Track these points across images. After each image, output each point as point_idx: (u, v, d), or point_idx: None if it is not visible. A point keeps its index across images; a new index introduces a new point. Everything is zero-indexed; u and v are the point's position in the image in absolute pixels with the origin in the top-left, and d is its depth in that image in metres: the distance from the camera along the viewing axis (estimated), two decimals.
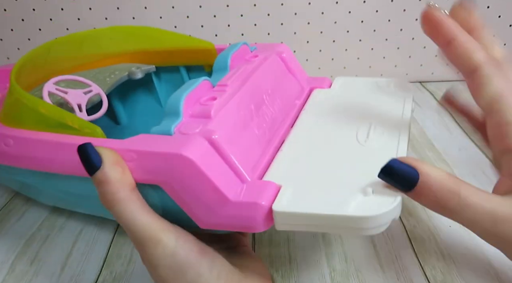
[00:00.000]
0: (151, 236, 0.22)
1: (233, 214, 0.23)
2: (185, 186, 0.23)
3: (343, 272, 0.31)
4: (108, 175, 0.23)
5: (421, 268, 0.31)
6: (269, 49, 0.35)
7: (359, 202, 0.21)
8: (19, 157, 0.28)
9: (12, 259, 0.33)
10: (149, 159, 0.23)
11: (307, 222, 0.22)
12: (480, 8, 0.58)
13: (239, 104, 0.28)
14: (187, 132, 0.24)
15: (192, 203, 0.23)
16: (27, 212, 0.38)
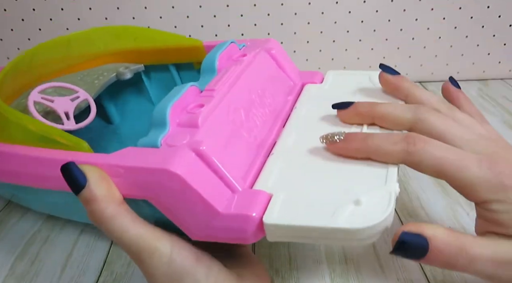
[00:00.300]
0: (145, 246, 0.22)
1: (223, 226, 0.22)
2: (174, 200, 0.23)
3: (343, 273, 0.31)
4: (94, 193, 0.22)
5: (421, 268, 0.31)
6: (258, 45, 0.35)
7: (350, 213, 0.21)
8: (4, 172, 0.28)
9: (12, 260, 0.33)
10: (136, 174, 0.23)
11: (298, 234, 0.21)
12: (480, 8, 0.59)
13: (228, 109, 0.27)
14: (174, 144, 0.24)
15: (181, 216, 0.23)
16: (28, 212, 0.38)
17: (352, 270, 0.31)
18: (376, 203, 0.21)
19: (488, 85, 0.62)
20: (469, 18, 0.60)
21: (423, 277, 0.30)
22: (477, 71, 0.64)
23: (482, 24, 0.61)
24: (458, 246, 0.22)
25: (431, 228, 0.22)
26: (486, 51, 0.63)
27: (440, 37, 0.61)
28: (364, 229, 0.20)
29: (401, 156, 0.23)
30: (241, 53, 0.33)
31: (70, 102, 0.33)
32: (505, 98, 0.58)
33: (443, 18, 0.60)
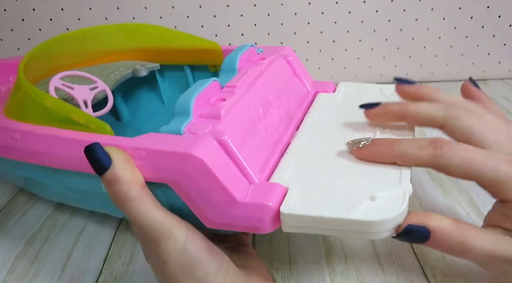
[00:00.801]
0: (162, 231, 0.23)
1: (240, 215, 0.23)
2: (194, 185, 0.23)
3: (343, 273, 0.31)
4: (118, 175, 0.23)
5: (421, 268, 0.31)
6: (276, 52, 0.36)
7: (366, 207, 0.22)
8: (26, 151, 0.28)
9: (12, 259, 0.33)
10: (159, 157, 0.23)
11: (314, 225, 0.22)
12: (480, 8, 0.59)
13: (247, 105, 0.28)
14: (197, 132, 0.25)
15: (200, 202, 0.23)
16: (28, 212, 0.39)
17: (352, 270, 0.31)
18: (391, 200, 0.22)
19: (488, 85, 0.62)
20: (469, 18, 0.60)
21: (423, 277, 0.30)
22: (477, 71, 0.64)
23: (482, 24, 0.61)
24: (458, 239, 0.23)
25: (436, 219, 0.23)
26: (486, 51, 0.63)
27: (440, 37, 0.61)
28: (378, 222, 0.21)
29: (429, 160, 0.24)
30: (260, 57, 0.35)
31: (89, 91, 0.34)
32: (505, 98, 0.58)
33: (443, 18, 0.60)
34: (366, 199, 0.22)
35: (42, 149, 0.27)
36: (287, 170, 0.26)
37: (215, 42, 0.39)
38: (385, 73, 0.64)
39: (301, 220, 0.22)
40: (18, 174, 0.33)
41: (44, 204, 0.39)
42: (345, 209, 0.22)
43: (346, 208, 0.22)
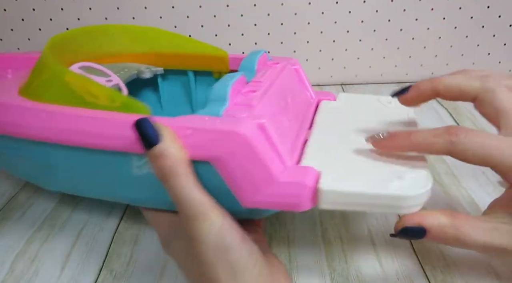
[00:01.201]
0: (201, 211, 0.23)
1: (278, 193, 0.24)
2: (236, 162, 0.24)
3: (343, 272, 0.31)
4: (169, 150, 0.23)
5: (421, 268, 0.31)
6: (284, 60, 0.38)
7: (397, 184, 0.24)
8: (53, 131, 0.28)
9: (12, 258, 0.33)
10: (204, 135, 0.25)
11: (351, 201, 0.24)
12: (480, 8, 0.59)
13: (273, 98, 0.30)
14: (235, 116, 0.26)
15: (240, 180, 0.25)
16: (28, 211, 0.38)
17: (352, 270, 0.31)
18: (417, 179, 0.24)
19: None
20: (469, 18, 0.60)
21: (423, 277, 0.30)
22: None
23: (482, 24, 0.61)
24: (453, 235, 0.24)
25: (432, 217, 0.24)
26: (486, 51, 0.63)
27: (440, 37, 0.61)
28: (411, 197, 0.23)
29: (446, 147, 0.24)
30: (274, 62, 0.37)
31: (106, 82, 0.34)
32: None
33: (443, 18, 0.60)
34: (394, 178, 0.24)
35: (73, 127, 0.27)
36: (314, 157, 0.27)
37: (222, 50, 0.40)
38: (385, 73, 0.65)
39: (339, 196, 0.24)
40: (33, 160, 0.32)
41: (44, 204, 0.39)
42: (380, 185, 0.24)
43: (379, 185, 0.24)
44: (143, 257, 0.33)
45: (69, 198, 0.40)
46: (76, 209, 0.38)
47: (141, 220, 0.37)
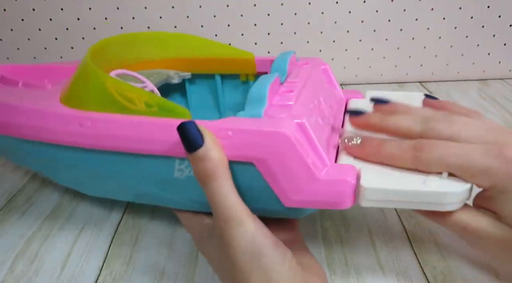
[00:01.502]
0: (236, 216, 0.24)
1: (320, 191, 0.25)
2: (279, 162, 0.25)
3: (343, 274, 0.31)
4: (210, 153, 0.24)
5: (421, 269, 0.31)
6: (312, 60, 0.38)
7: (437, 182, 0.24)
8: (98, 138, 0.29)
9: (12, 258, 0.33)
10: (246, 136, 0.25)
11: (392, 198, 0.24)
12: (480, 8, 0.59)
13: (307, 98, 0.30)
14: (275, 116, 0.26)
15: (282, 179, 0.25)
16: (27, 212, 0.38)
17: (352, 271, 0.31)
18: (455, 180, 0.25)
19: (488, 85, 0.62)
20: (469, 18, 0.60)
21: (423, 278, 0.30)
22: (477, 71, 0.64)
23: (482, 24, 0.61)
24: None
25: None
26: (486, 51, 0.63)
27: (440, 37, 0.61)
28: (452, 194, 0.24)
29: (411, 163, 0.26)
30: (304, 62, 0.37)
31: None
32: (505, 98, 0.58)
33: (443, 18, 0.60)
34: (434, 176, 0.25)
35: (118, 133, 0.28)
36: (349, 156, 0.28)
37: (249, 52, 0.40)
38: (385, 73, 0.65)
39: (381, 194, 0.24)
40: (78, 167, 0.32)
41: (44, 204, 0.39)
42: (420, 183, 0.24)
43: (420, 182, 0.24)
44: (143, 258, 0.33)
45: (69, 199, 0.40)
46: (76, 209, 0.38)
47: (141, 220, 0.37)
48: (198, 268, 0.32)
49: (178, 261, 0.32)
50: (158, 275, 0.31)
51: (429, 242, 0.33)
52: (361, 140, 0.27)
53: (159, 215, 0.37)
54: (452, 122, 0.27)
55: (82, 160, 0.31)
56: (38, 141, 0.31)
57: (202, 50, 0.41)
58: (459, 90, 0.61)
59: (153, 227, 0.36)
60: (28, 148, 0.33)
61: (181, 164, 0.28)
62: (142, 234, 0.35)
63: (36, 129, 0.31)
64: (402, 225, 0.35)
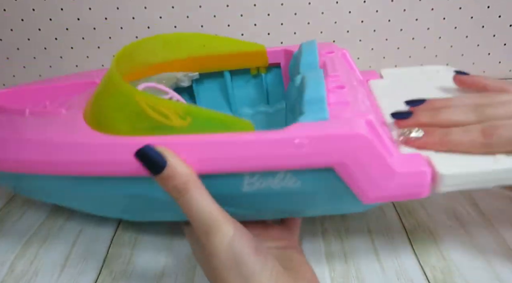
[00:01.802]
0: (212, 224, 0.24)
1: (399, 184, 0.25)
2: (359, 164, 0.24)
3: (343, 273, 0.31)
4: (176, 170, 0.24)
5: (421, 268, 0.31)
6: (330, 46, 0.38)
7: (505, 159, 0.25)
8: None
9: (12, 259, 0.33)
10: (323, 142, 0.24)
11: (469, 180, 0.25)
12: (480, 8, 0.59)
13: (353, 89, 0.30)
14: (340, 116, 0.26)
15: (362, 179, 0.25)
16: (27, 212, 0.38)
17: (352, 270, 0.31)
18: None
19: None
20: (469, 18, 0.60)
21: (423, 277, 0.30)
22: (477, 71, 0.64)
23: (482, 24, 0.60)
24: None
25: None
26: (486, 51, 0.63)
27: (440, 37, 0.61)
28: None
29: (481, 147, 0.26)
30: (328, 50, 0.37)
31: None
32: None
33: (443, 18, 0.60)
34: (500, 155, 0.25)
35: (195, 157, 0.25)
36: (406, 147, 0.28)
37: (259, 44, 0.39)
38: None
39: (459, 179, 0.25)
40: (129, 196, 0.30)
41: (44, 205, 0.39)
42: (491, 162, 0.25)
43: (491, 162, 0.25)
44: (142, 258, 0.33)
45: None
46: (74, 210, 0.38)
47: (140, 221, 0.37)
48: (197, 268, 0.32)
49: (178, 261, 0.32)
50: (157, 275, 0.31)
51: (429, 242, 0.33)
52: (423, 131, 0.27)
53: None
54: (502, 104, 0.27)
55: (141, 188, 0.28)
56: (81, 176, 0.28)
57: (211, 47, 0.39)
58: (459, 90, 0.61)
59: (153, 228, 0.36)
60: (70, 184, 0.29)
61: (252, 177, 0.26)
62: (142, 235, 0.35)
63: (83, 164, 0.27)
64: (402, 225, 0.35)
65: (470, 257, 0.31)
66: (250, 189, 0.27)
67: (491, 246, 0.32)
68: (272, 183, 0.26)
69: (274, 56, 0.39)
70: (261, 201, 0.27)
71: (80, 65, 0.63)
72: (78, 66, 0.63)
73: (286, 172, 0.25)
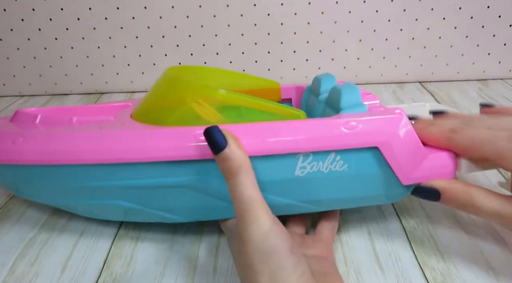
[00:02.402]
0: (252, 211, 0.24)
1: (432, 165, 0.29)
2: (400, 144, 0.29)
3: (343, 275, 0.31)
4: (233, 153, 0.26)
5: (420, 270, 0.31)
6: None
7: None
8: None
9: (12, 260, 0.33)
10: (371, 124, 0.29)
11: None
12: (480, 8, 0.59)
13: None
14: (378, 109, 0.31)
15: (401, 159, 0.29)
16: (27, 213, 0.38)
17: (352, 271, 0.31)
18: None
19: (488, 85, 0.62)
20: (469, 18, 0.60)
21: (423, 279, 0.30)
22: (477, 71, 0.64)
23: (482, 24, 0.61)
24: (465, 199, 0.28)
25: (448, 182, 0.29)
26: (486, 51, 0.63)
27: (440, 37, 0.61)
28: None
29: (446, 143, 0.29)
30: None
31: None
32: (505, 98, 0.58)
33: (443, 18, 0.60)
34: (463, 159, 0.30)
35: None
36: None
37: (275, 81, 0.44)
38: (385, 73, 0.64)
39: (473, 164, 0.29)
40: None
41: (44, 205, 0.39)
42: None
43: None
44: (143, 259, 0.33)
45: None
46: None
47: (141, 222, 0.37)
48: (198, 269, 0.32)
49: (178, 262, 0.32)
50: (158, 276, 0.31)
51: (428, 243, 0.33)
52: (415, 121, 0.32)
53: None
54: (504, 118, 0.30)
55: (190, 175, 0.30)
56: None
57: (233, 83, 0.44)
58: (459, 90, 0.61)
59: (153, 229, 0.36)
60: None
61: (306, 160, 0.29)
62: (143, 236, 0.35)
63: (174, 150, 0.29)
64: (402, 227, 0.35)
65: (469, 259, 0.31)
66: (301, 174, 0.29)
67: (491, 248, 0.32)
68: (322, 166, 0.29)
69: (286, 92, 0.44)
70: (309, 187, 0.30)
71: (80, 65, 0.63)
72: (78, 66, 0.63)
73: (336, 154, 0.29)
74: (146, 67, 0.63)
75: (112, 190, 0.31)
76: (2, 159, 0.30)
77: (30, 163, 0.30)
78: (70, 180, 0.31)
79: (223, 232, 0.35)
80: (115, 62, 0.63)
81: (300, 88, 0.43)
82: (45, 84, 0.65)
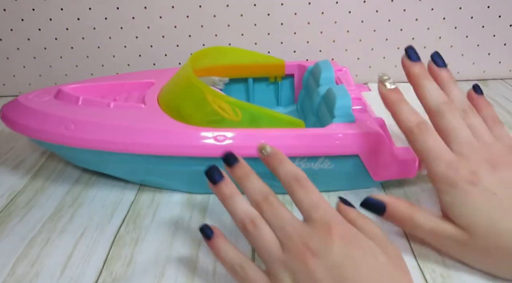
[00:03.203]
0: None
1: (398, 168, 0.37)
2: (376, 153, 0.36)
3: None
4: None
5: (421, 272, 0.31)
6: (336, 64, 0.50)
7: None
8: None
9: (13, 261, 0.33)
10: (354, 137, 0.36)
11: None
12: (480, 8, 0.59)
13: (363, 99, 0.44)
14: (363, 119, 0.38)
15: (377, 164, 0.37)
16: (27, 214, 0.39)
17: None
18: None
19: (488, 85, 0.62)
20: (469, 18, 0.60)
21: (423, 281, 0.30)
22: (477, 71, 0.64)
23: (482, 24, 0.61)
24: (406, 216, 0.30)
25: (393, 199, 0.31)
26: (486, 51, 0.63)
27: (440, 37, 0.61)
28: None
29: (407, 133, 0.31)
30: (336, 68, 0.47)
31: None
32: (505, 98, 0.58)
33: (443, 18, 0.60)
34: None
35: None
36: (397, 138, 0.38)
37: (279, 59, 0.50)
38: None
39: None
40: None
41: (45, 206, 0.39)
42: None
43: None
44: (143, 259, 0.33)
45: (70, 200, 0.40)
46: (77, 211, 0.39)
47: (142, 223, 0.37)
48: (197, 269, 0.32)
49: (178, 262, 0.32)
50: (158, 276, 0.31)
51: (428, 245, 0.33)
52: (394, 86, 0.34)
53: (160, 216, 0.37)
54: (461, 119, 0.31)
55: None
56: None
57: (241, 59, 0.50)
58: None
59: (154, 229, 0.36)
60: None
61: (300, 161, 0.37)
62: (143, 236, 0.35)
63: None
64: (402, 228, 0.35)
65: None
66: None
67: None
68: (313, 165, 0.38)
69: (289, 68, 0.50)
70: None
71: (80, 65, 0.63)
72: (78, 66, 0.63)
73: (325, 157, 0.37)
74: (146, 67, 0.63)
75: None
76: (58, 141, 0.38)
77: (80, 147, 0.38)
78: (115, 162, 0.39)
79: None
80: (115, 62, 0.63)
81: (302, 66, 0.50)
82: (45, 84, 0.65)
